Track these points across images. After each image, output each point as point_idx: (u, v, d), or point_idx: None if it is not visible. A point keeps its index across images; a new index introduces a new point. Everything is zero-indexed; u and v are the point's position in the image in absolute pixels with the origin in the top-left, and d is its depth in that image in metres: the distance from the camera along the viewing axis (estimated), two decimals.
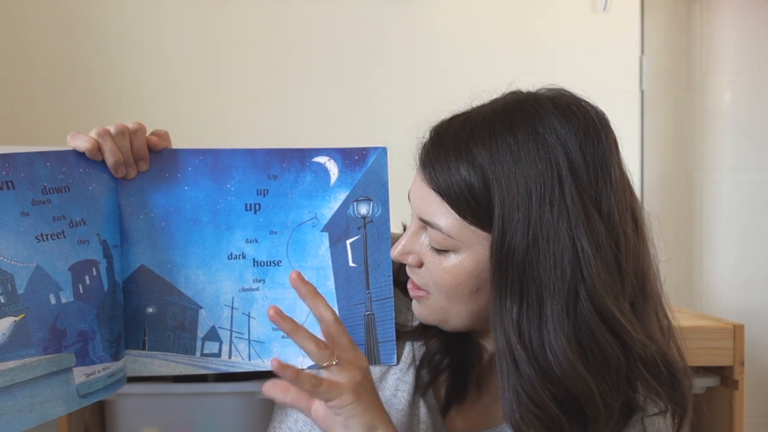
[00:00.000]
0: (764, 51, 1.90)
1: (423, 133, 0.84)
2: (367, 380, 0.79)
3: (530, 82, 0.86)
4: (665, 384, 0.82)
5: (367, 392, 0.78)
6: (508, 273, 0.77)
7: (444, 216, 0.80)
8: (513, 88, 0.84)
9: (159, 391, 1.33)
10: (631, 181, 0.84)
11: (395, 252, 0.86)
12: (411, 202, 0.85)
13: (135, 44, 1.78)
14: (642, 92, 1.92)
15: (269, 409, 1.05)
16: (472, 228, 0.79)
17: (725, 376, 1.36)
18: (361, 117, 1.82)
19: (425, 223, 0.82)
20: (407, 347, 0.92)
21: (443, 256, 0.81)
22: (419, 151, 0.83)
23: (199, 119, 1.79)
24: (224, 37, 1.81)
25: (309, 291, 0.79)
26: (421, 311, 0.87)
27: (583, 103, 0.81)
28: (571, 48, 1.87)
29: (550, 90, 0.82)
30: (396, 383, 0.90)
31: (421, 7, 1.83)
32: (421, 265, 0.84)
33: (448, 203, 0.79)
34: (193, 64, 1.80)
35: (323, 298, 0.80)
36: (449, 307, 0.83)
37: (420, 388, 0.89)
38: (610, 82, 1.86)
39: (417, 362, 0.91)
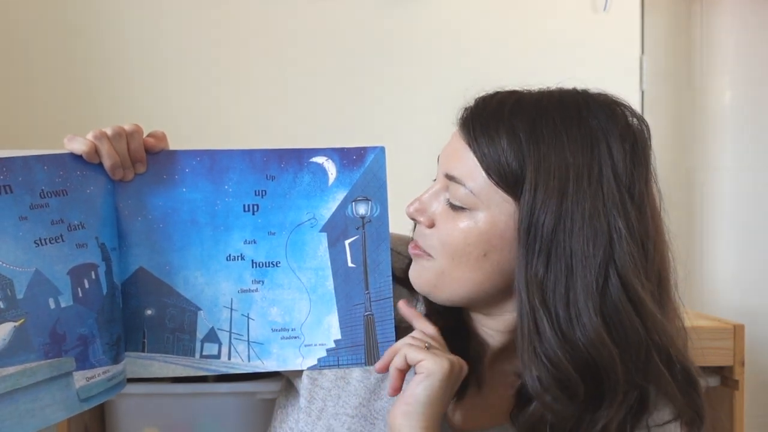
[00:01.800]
0: (764, 51, 1.90)
1: (468, 101, 0.87)
2: (453, 375, 0.81)
3: (530, 82, 0.87)
4: (681, 387, 0.84)
5: (447, 385, 0.81)
6: (537, 238, 0.79)
7: (472, 174, 0.82)
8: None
9: (159, 392, 1.33)
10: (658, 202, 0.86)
11: (411, 208, 0.87)
12: (440, 161, 0.87)
13: (132, 45, 1.78)
14: (642, 92, 1.91)
15: (269, 409, 1.05)
16: (497, 190, 0.81)
17: (725, 376, 1.37)
18: (359, 117, 1.81)
19: (450, 179, 0.84)
20: None
21: (459, 215, 0.83)
22: (462, 112, 0.86)
23: (197, 120, 1.78)
24: (222, 38, 1.80)
25: (412, 314, 0.88)
26: (417, 275, 0.88)
27: (628, 108, 0.85)
28: (571, 48, 1.87)
29: (596, 90, 0.86)
30: None
31: (421, 7, 1.83)
32: (432, 225, 0.86)
33: (480, 161, 0.81)
34: (191, 65, 1.79)
35: (421, 317, 0.88)
36: (450, 270, 0.84)
37: None
38: (610, 82, 1.84)
39: None
